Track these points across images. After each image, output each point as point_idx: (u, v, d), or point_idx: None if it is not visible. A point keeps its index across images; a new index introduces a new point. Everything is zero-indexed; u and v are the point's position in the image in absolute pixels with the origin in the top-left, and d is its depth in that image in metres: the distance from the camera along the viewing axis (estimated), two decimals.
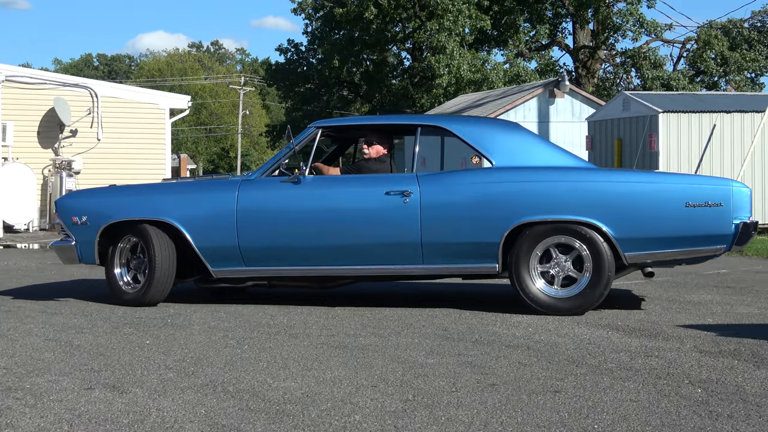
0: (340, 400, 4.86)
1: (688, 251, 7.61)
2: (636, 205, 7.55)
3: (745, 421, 4.43)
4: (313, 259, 7.98)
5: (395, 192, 7.80)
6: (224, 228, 8.02)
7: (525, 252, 7.64)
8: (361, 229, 7.86)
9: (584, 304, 7.62)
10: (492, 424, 4.41)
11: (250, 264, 8.08)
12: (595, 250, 7.55)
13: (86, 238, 8.42)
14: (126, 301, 8.30)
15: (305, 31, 48.03)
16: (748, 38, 38.54)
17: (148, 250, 8.16)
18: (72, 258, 8.56)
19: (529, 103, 27.51)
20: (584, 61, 38.75)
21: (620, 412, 4.59)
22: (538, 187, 7.67)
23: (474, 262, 7.79)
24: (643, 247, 7.55)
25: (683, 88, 34.93)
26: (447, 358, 5.94)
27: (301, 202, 7.98)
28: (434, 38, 34.81)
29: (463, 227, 7.69)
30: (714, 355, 6.00)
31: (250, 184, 8.13)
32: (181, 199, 8.29)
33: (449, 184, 7.84)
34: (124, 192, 8.78)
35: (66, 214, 8.57)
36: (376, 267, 7.93)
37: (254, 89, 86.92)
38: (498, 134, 8.14)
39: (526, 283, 7.66)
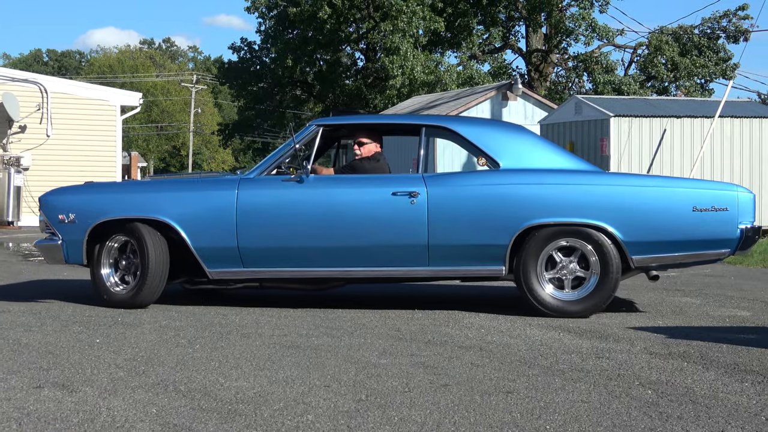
0: (292, 399, 4.84)
1: (693, 255, 7.70)
2: (644, 208, 7.60)
3: (695, 422, 4.48)
4: (316, 260, 7.80)
5: (402, 193, 7.69)
6: (223, 228, 7.79)
7: (533, 255, 7.61)
8: (366, 230, 7.71)
9: (591, 306, 7.65)
10: (445, 424, 4.41)
11: (249, 265, 7.85)
12: (602, 253, 7.58)
13: (74, 237, 8.07)
14: (115, 303, 8.00)
15: (258, 30, 47.82)
16: (698, 44, 39.02)
17: (141, 250, 7.87)
18: (58, 258, 8.18)
19: (482, 105, 27.62)
20: (537, 65, 39.00)
21: (572, 413, 4.62)
22: (547, 189, 7.66)
23: (480, 265, 7.73)
24: (651, 250, 7.62)
25: (634, 92, 35.28)
26: (400, 358, 5.94)
27: (305, 202, 7.79)
28: (388, 39, 34.83)
29: (471, 229, 7.63)
30: (664, 356, 6.06)
31: (249, 183, 7.90)
32: (178, 197, 7.99)
33: (457, 186, 7.76)
34: (115, 189, 8.51)
35: (52, 211, 8.20)
36: (380, 269, 7.80)
37: (206, 87, 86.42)
38: (503, 136, 8.09)
39: (533, 286, 7.63)
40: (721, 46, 39.73)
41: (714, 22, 39.55)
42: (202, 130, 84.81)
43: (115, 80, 75.92)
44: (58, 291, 9.39)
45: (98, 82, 66.53)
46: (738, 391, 5.11)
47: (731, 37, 39.54)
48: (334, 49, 44.85)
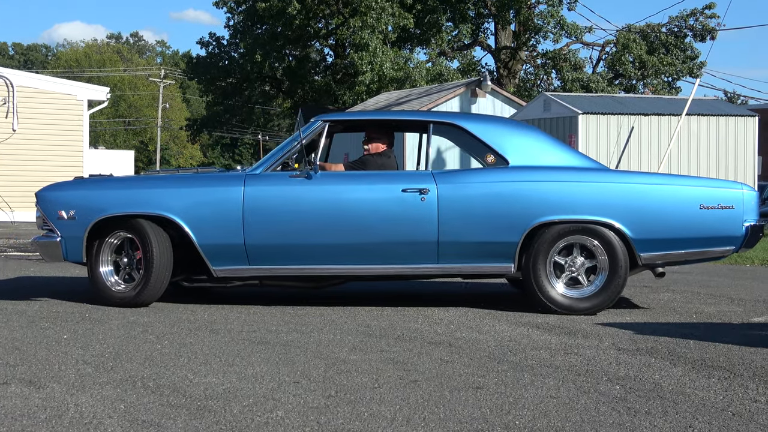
0: (262, 396, 4.83)
1: (699, 252, 7.77)
2: (653, 206, 7.66)
3: (663, 418, 4.51)
4: (323, 258, 7.70)
5: (412, 190, 7.63)
6: (229, 225, 7.63)
7: (543, 252, 7.62)
8: (376, 227, 7.62)
9: (600, 303, 7.68)
10: (414, 419, 4.42)
11: (254, 263, 7.71)
12: (611, 251, 7.62)
13: (74, 234, 7.83)
14: (115, 301, 7.80)
15: (227, 25, 47.68)
16: (665, 43, 39.29)
17: (145, 247, 7.69)
18: (56, 255, 7.93)
19: (451, 102, 27.68)
20: (506, 62, 39.11)
21: (541, 408, 4.64)
22: (557, 186, 7.67)
23: (489, 262, 7.70)
24: (658, 247, 7.67)
25: (602, 90, 35.47)
26: (369, 354, 5.94)
27: (314, 199, 7.68)
28: (357, 35, 34.80)
29: (481, 226, 7.60)
30: (632, 352, 6.10)
31: (256, 178, 7.74)
32: (182, 193, 7.78)
33: (467, 183, 7.70)
34: (116, 184, 8.14)
35: (51, 207, 7.94)
36: (389, 267, 7.73)
37: (174, 82, 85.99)
38: (512, 133, 8.05)
39: (542, 283, 7.64)
40: (688, 44, 40.03)
41: (681, 21, 39.83)
42: (170, 125, 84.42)
43: (82, 75, 75.34)
44: (25, 287, 9.32)
45: (65, 76, 66.03)
46: (705, 387, 5.15)
47: (698, 36, 39.83)
48: (303, 44, 44.79)
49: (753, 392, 5.05)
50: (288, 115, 56.53)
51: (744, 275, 11.58)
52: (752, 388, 5.13)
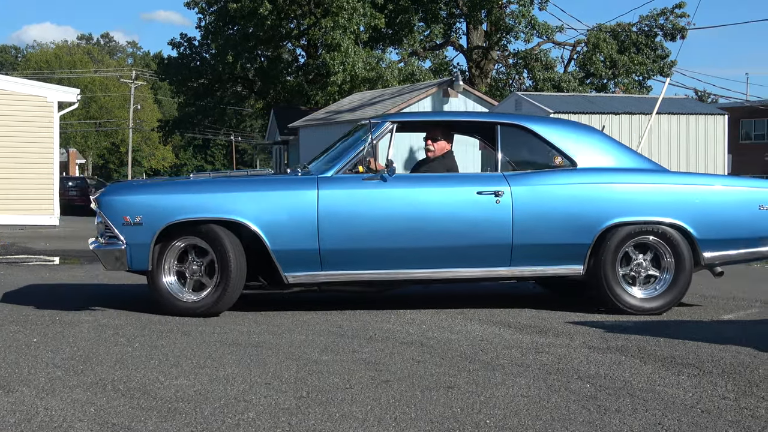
0: (233, 397, 4.82)
1: (756, 251, 7.94)
2: (716, 206, 7.81)
3: (632, 415, 4.54)
4: (397, 262, 7.56)
5: (488, 192, 7.57)
6: (304, 230, 7.39)
7: (612, 253, 7.64)
8: (452, 230, 7.52)
9: (666, 304, 7.75)
10: (386, 420, 4.42)
11: (328, 268, 7.49)
12: (677, 251, 7.70)
13: (140, 241, 7.39)
14: (182, 311, 7.45)
15: (198, 26, 47.53)
16: (636, 42, 39.51)
17: (221, 254, 7.37)
18: (120, 264, 7.46)
19: (423, 101, 27.72)
20: (477, 62, 39.21)
21: (512, 407, 4.66)
22: (626, 188, 7.74)
23: (560, 264, 7.70)
24: (720, 247, 7.79)
25: (573, 89, 35.63)
26: (341, 355, 5.94)
27: (390, 202, 7.54)
28: (329, 35, 34.79)
29: (555, 229, 7.60)
30: (602, 351, 6.13)
31: (329, 181, 7.52)
32: (255, 197, 7.48)
33: (540, 185, 7.67)
34: (184, 187, 7.71)
35: (114, 212, 7.47)
36: (463, 270, 7.67)
37: (146, 83, 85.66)
38: (576, 134, 8.08)
39: (612, 284, 7.67)
40: (658, 43, 40.30)
41: (652, 20, 40.07)
42: (141, 127, 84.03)
43: (53, 76, 74.83)
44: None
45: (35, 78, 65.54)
46: (674, 384, 5.19)
47: (668, 35, 40.10)
48: (275, 45, 44.73)
49: (722, 389, 5.09)
50: (260, 115, 56.41)
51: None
52: (721, 385, 5.17)
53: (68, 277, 10.64)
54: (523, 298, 8.72)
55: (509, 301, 8.41)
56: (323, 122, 31.95)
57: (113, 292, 9.12)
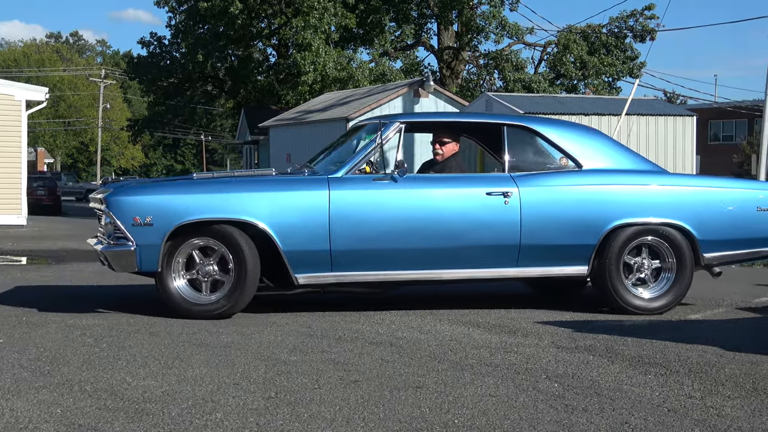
0: (201, 398, 4.80)
1: (753, 252, 8.13)
2: (717, 208, 7.95)
3: (599, 415, 4.56)
4: (407, 262, 7.55)
5: (496, 193, 7.61)
6: (316, 230, 7.33)
7: (616, 254, 7.73)
8: (462, 230, 7.54)
9: (668, 303, 7.86)
10: (354, 420, 4.42)
11: (337, 269, 7.44)
12: (678, 251, 7.82)
13: (150, 242, 7.22)
14: (197, 313, 7.31)
15: (168, 25, 47.25)
16: (606, 43, 39.70)
17: (237, 254, 7.27)
18: (129, 265, 7.28)
19: (394, 102, 27.72)
20: (448, 62, 39.27)
21: (480, 407, 4.67)
22: (630, 189, 7.85)
23: (565, 265, 7.76)
24: (719, 248, 7.94)
25: (544, 90, 35.76)
26: (310, 355, 5.93)
27: (401, 203, 7.53)
28: (300, 35, 34.72)
29: (562, 229, 7.66)
30: (570, 350, 6.16)
31: (340, 182, 7.47)
32: (267, 197, 7.39)
33: (547, 186, 7.73)
34: (195, 187, 7.53)
35: (124, 212, 7.27)
36: (471, 270, 7.68)
37: (115, 82, 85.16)
38: (581, 136, 8.17)
39: (616, 284, 7.75)
40: (628, 45, 40.50)
41: (621, 22, 40.27)
42: (111, 126, 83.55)
43: (21, 74, 74.22)
44: None
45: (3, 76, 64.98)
46: (642, 383, 5.22)
47: (638, 37, 40.32)
48: (245, 44, 44.59)
49: (688, 388, 5.12)
50: (231, 115, 56.22)
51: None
52: (687, 384, 5.21)
53: (36, 278, 10.56)
54: (493, 298, 8.74)
55: (479, 301, 8.43)
56: (294, 122, 31.89)
57: (82, 293, 9.07)
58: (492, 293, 9.08)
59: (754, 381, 5.29)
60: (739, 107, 48.37)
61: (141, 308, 7.86)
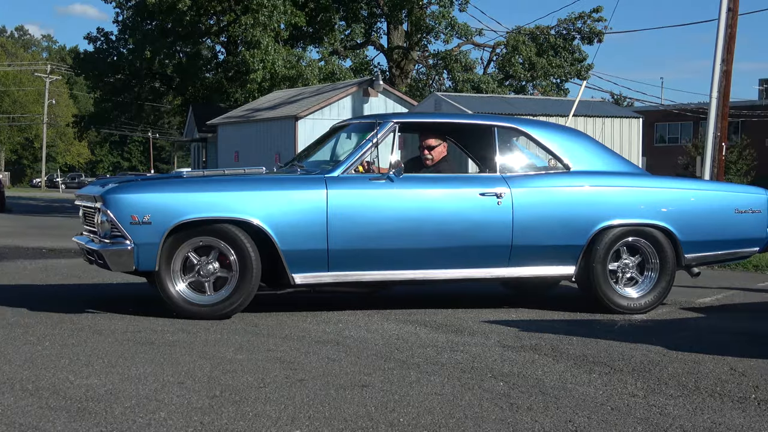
0: (144, 397, 4.75)
1: (731, 253, 8.36)
2: (698, 210, 8.15)
3: (544, 413, 4.59)
4: (403, 262, 7.56)
5: (489, 193, 7.67)
6: (314, 229, 7.30)
7: (603, 254, 7.86)
8: (456, 230, 7.59)
9: (652, 303, 8.00)
10: (299, 418, 4.40)
11: (334, 268, 7.41)
12: (662, 252, 7.99)
13: (148, 240, 7.09)
14: (197, 313, 7.21)
15: (116, 20, 46.80)
16: (554, 45, 39.97)
17: (239, 253, 7.19)
18: (127, 264, 7.13)
19: (343, 101, 27.71)
20: (398, 62, 39.29)
21: (425, 406, 4.67)
22: (617, 191, 8.00)
23: (554, 265, 7.87)
24: (700, 249, 8.14)
25: (492, 91, 35.90)
26: (256, 353, 5.90)
27: (398, 202, 7.55)
28: (249, 33, 34.53)
29: (552, 230, 7.76)
30: (516, 349, 6.19)
31: (337, 181, 7.44)
32: (265, 196, 7.33)
33: (538, 187, 7.84)
34: (194, 185, 7.43)
35: (122, 210, 7.11)
36: (464, 270, 7.74)
37: (61, 78, 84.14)
38: (569, 138, 8.30)
39: (602, 284, 7.88)
40: (576, 46, 40.79)
41: (570, 24, 40.56)
42: (56, 122, 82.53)
43: None
44: None
45: None
46: (586, 382, 5.26)
47: (586, 39, 40.63)
48: (194, 41, 44.27)
49: (632, 387, 5.17)
50: (179, 112, 55.78)
51: None
52: (631, 383, 5.26)
53: None
54: (440, 297, 8.76)
55: (426, 300, 8.45)
56: (242, 120, 31.74)
57: (24, 291, 8.94)
58: (440, 293, 9.11)
59: (696, 380, 5.36)
60: (684, 110, 49.02)
61: (86, 306, 7.79)
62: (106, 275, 10.13)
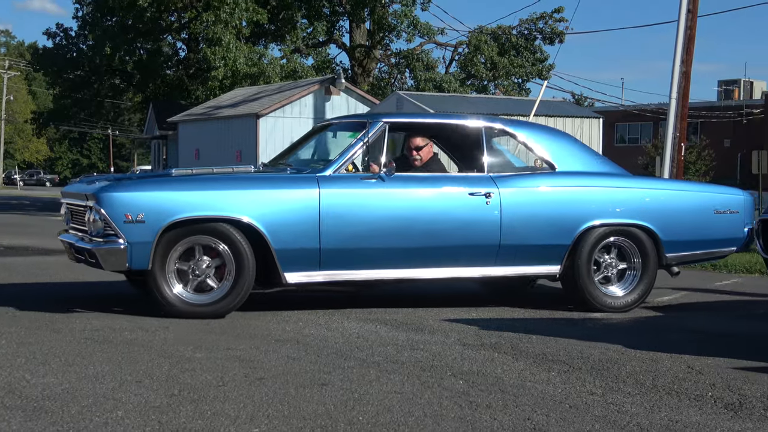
0: (102, 396, 4.71)
1: (709, 252, 8.53)
2: (679, 210, 8.27)
3: (503, 411, 4.60)
4: (393, 261, 7.62)
5: (478, 193, 7.74)
6: (306, 228, 7.31)
7: (587, 253, 7.95)
8: (446, 229, 7.65)
9: (635, 301, 8.13)
10: (258, 417, 4.39)
11: (325, 267, 7.43)
12: (644, 251, 8.11)
13: (142, 239, 7.01)
14: (191, 313, 7.16)
15: (75, 16, 46.30)
16: (516, 45, 40.11)
17: (235, 252, 7.16)
18: (119, 263, 7.05)
19: (305, 99, 27.65)
20: (360, 60, 39.27)
21: (385, 404, 4.67)
22: (602, 191, 8.13)
23: (540, 264, 7.96)
24: (680, 248, 8.27)
25: (454, 90, 35.98)
26: (215, 352, 5.87)
27: (389, 202, 7.60)
28: (210, 30, 34.35)
29: (539, 229, 7.85)
30: (476, 347, 6.21)
31: (329, 180, 7.46)
32: (259, 195, 7.33)
33: (525, 187, 7.92)
34: (187, 184, 7.40)
35: (116, 208, 7.01)
36: (453, 269, 7.82)
37: (20, 74, 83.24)
38: (554, 139, 8.43)
39: (586, 283, 7.97)
40: (537, 47, 40.96)
41: (531, 24, 40.71)
42: (14, 119, 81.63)
43: None
44: None
45: None
46: (545, 380, 5.29)
47: (547, 39, 40.81)
48: (155, 38, 43.95)
49: (590, 385, 5.20)
50: (139, 109, 55.38)
51: None
52: (589, 381, 5.29)
53: None
54: (401, 296, 8.76)
55: (387, 299, 8.44)
56: (203, 117, 31.58)
57: None
58: (399, 293, 9.11)
59: (654, 378, 5.40)
60: (644, 110, 49.44)
61: (44, 304, 7.70)
62: (64, 274, 10.05)
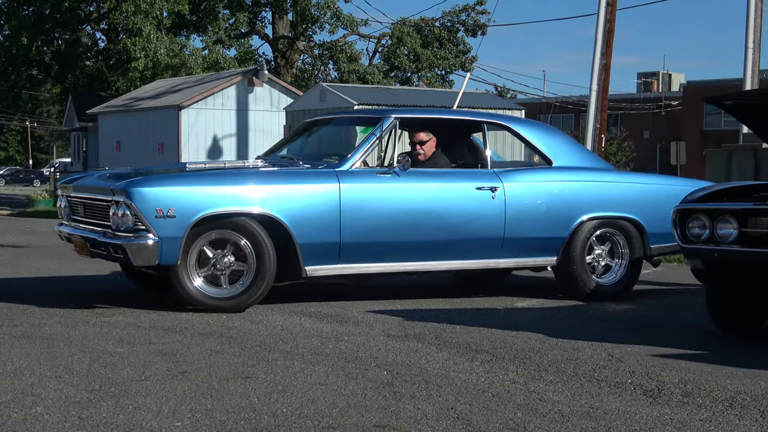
0: (21, 391, 4.63)
1: None
2: (663, 204, 8.32)
3: (426, 401, 4.62)
4: (407, 254, 7.82)
5: (485, 188, 7.99)
6: (327, 222, 7.44)
7: (582, 245, 8.26)
8: (457, 223, 7.88)
9: (622, 289, 8.48)
10: (181, 411, 4.35)
11: (343, 261, 7.58)
12: (631, 243, 8.45)
13: (172, 234, 6.99)
14: (213, 307, 7.17)
15: None
16: (439, 37, 40.28)
17: (257, 247, 7.20)
18: (150, 258, 6.98)
19: (227, 90, 27.42)
20: (283, 52, 39.07)
21: (309, 396, 4.67)
22: (597, 186, 8.47)
23: (539, 256, 8.26)
24: (663, 240, 8.51)
25: (378, 82, 36.02)
26: (137, 346, 5.80)
27: (404, 196, 7.80)
28: (130, 20, 33.87)
29: (540, 222, 8.15)
30: (400, 338, 6.23)
31: (347, 175, 7.61)
32: (284, 190, 7.44)
33: (527, 181, 8.23)
34: (215, 179, 7.48)
35: (147, 204, 6.97)
36: (462, 262, 8.07)
37: None
38: (549, 135, 8.75)
39: (581, 273, 8.27)
40: (460, 39, 41.19)
41: (454, 16, 40.91)
42: None
43: None
44: None
45: None
46: (468, 370, 5.33)
47: (470, 31, 41.06)
48: (73, 28, 43.19)
49: (513, 374, 5.26)
50: (58, 101, 54.49)
51: None
52: (512, 370, 5.34)
53: None
54: (324, 287, 8.75)
55: (311, 292, 8.43)
56: (124, 109, 31.14)
57: None
58: (321, 284, 9.08)
59: (575, 366, 5.48)
60: (566, 102, 50.02)
61: None
62: None
